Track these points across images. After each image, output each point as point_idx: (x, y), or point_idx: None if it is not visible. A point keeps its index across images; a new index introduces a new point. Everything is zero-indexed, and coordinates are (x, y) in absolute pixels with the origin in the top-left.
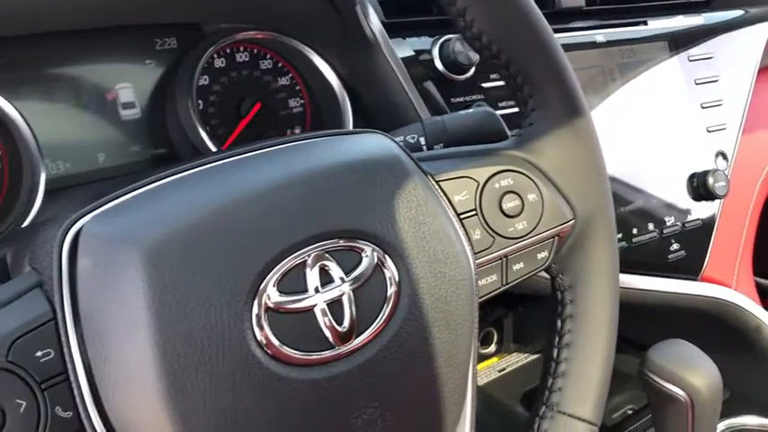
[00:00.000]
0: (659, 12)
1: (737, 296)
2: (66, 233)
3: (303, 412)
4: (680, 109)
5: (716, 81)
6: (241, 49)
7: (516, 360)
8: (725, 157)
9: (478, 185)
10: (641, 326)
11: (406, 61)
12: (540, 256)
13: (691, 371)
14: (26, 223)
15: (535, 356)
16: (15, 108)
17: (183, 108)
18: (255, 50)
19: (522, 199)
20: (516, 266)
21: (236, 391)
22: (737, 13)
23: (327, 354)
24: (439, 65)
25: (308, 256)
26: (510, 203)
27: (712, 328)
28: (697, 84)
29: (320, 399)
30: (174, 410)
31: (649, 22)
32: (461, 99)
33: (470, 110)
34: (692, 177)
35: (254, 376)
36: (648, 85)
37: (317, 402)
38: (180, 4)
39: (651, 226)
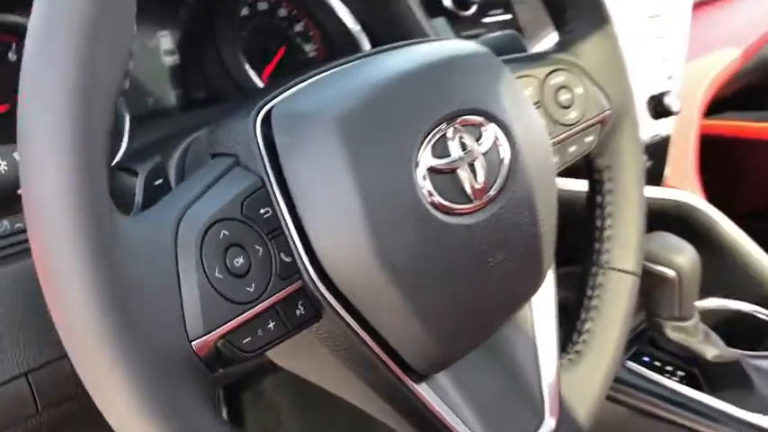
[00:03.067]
0: None
1: (695, 198)
2: (258, 115)
3: (458, 251)
4: (637, 40)
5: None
6: None
7: None
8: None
9: (540, 81)
10: None
11: None
12: (587, 139)
13: (678, 253)
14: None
15: None
16: None
17: (227, 51)
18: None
19: (572, 92)
20: (571, 149)
21: (416, 232)
22: None
23: (470, 205)
24: (447, 1)
25: (448, 129)
26: (564, 96)
27: (675, 230)
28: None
29: (469, 241)
30: (374, 246)
31: None
32: (468, 33)
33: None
34: (651, 99)
35: (425, 221)
36: None
37: (468, 244)
38: None
39: None
